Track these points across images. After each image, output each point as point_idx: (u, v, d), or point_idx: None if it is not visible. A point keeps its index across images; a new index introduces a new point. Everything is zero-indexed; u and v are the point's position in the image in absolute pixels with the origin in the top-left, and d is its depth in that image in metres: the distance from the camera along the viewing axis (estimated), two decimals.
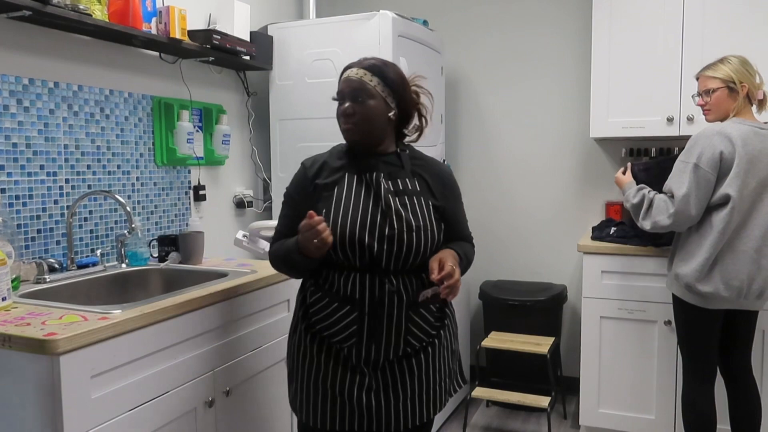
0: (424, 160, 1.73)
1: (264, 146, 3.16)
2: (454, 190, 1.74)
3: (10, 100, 1.96)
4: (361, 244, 1.56)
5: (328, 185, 1.64)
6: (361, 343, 1.59)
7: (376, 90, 1.61)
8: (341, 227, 1.57)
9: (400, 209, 1.59)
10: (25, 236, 2.01)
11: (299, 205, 1.67)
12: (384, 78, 1.62)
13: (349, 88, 1.62)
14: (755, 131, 2.18)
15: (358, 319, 1.58)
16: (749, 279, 2.16)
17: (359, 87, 1.61)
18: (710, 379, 2.31)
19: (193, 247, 2.32)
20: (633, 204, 2.34)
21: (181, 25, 2.38)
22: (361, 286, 1.58)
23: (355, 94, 1.61)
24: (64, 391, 1.39)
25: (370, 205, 1.60)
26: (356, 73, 1.62)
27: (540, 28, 3.41)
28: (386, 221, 1.57)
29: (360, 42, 2.77)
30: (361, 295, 1.58)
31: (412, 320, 1.60)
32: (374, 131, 1.63)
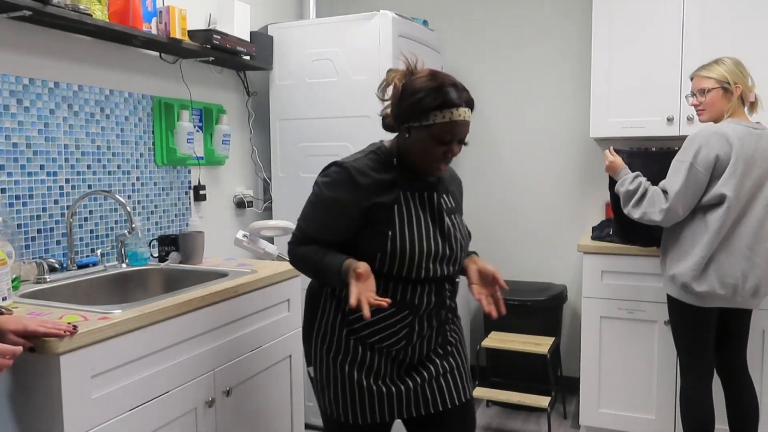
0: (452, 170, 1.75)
1: (264, 146, 3.16)
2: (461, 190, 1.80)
3: (10, 100, 1.96)
4: (427, 269, 1.58)
5: (387, 205, 1.55)
6: (409, 344, 1.62)
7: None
8: (410, 253, 1.54)
9: (453, 230, 1.63)
10: (25, 236, 2.01)
11: (341, 216, 1.56)
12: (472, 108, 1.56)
13: (462, 131, 1.52)
14: (750, 131, 2.19)
15: (412, 323, 1.60)
16: (743, 277, 2.17)
17: (466, 131, 1.54)
18: (708, 378, 2.32)
19: (193, 247, 2.32)
20: (628, 190, 2.34)
21: (181, 25, 2.38)
22: (421, 295, 1.59)
23: (462, 137, 1.54)
24: (64, 391, 1.40)
25: (431, 227, 1.59)
26: (467, 115, 1.52)
27: (540, 28, 3.41)
28: (447, 244, 1.61)
29: (360, 42, 2.77)
30: (420, 302, 1.59)
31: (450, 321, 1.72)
32: None
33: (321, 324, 1.66)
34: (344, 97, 2.82)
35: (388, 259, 1.54)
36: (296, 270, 1.68)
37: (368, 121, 2.77)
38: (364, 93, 2.77)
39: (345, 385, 1.61)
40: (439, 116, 1.48)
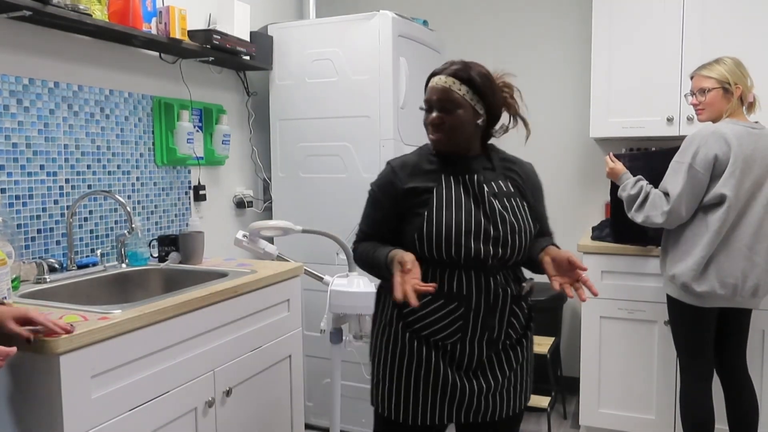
0: (513, 161, 1.71)
1: (264, 146, 3.16)
2: (540, 188, 1.73)
3: (10, 100, 1.96)
4: (468, 248, 1.54)
5: (426, 189, 1.59)
6: (465, 338, 1.57)
7: (464, 99, 1.56)
8: (446, 231, 1.54)
9: (504, 212, 1.58)
10: (25, 236, 2.01)
11: (385, 207, 1.64)
12: (472, 84, 1.56)
13: (436, 97, 1.58)
14: (749, 131, 2.20)
15: (464, 315, 1.56)
16: (743, 276, 2.18)
17: (447, 97, 1.56)
18: (707, 378, 2.32)
19: (193, 247, 2.32)
20: (630, 195, 2.34)
21: (181, 25, 2.37)
22: (468, 283, 1.56)
23: (442, 104, 1.57)
24: (64, 391, 1.40)
25: (472, 207, 1.57)
26: (444, 82, 1.57)
27: (540, 27, 3.41)
28: (491, 224, 1.56)
29: (360, 42, 2.77)
30: (469, 292, 1.55)
31: (514, 313, 1.62)
32: (463, 140, 1.60)
33: (381, 318, 1.68)
34: (344, 97, 2.82)
35: (425, 239, 1.55)
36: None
37: (368, 121, 2.77)
38: (364, 93, 2.77)
39: (400, 381, 1.60)
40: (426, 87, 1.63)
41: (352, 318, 2.28)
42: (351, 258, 2.43)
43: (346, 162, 2.84)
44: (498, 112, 1.65)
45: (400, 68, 2.78)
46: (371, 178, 2.76)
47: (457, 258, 1.55)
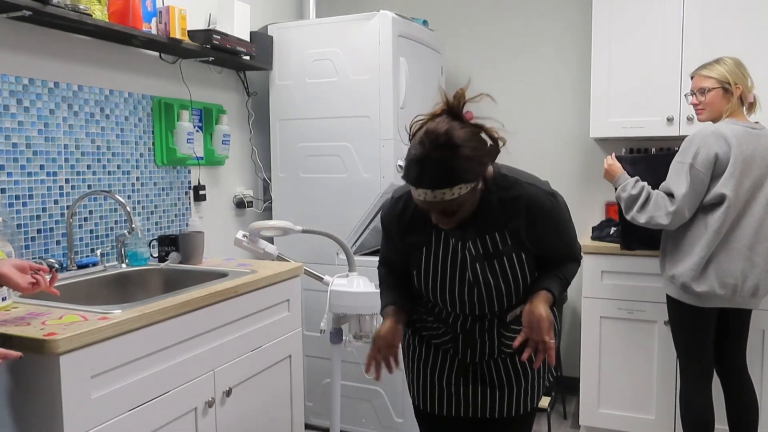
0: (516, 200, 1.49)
1: (264, 146, 3.16)
2: (546, 218, 1.52)
3: (10, 100, 1.96)
4: (453, 306, 1.59)
5: (419, 244, 1.57)
6: (457, 347, 1.66)
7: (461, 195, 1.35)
8: (432, 292, 1.60)
9: (489, 277, 1.53)
10: (25, 236, 2.01)
11: (391, 240, 1.65)
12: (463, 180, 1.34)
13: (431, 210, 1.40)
14: (748, 131, 2.19)
15: (453, 338, 1.65)
16: (743, 277, 2.17)
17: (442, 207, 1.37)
18: (707, 378, 2.32)
19: (193, 247, 2.32)
20: (631, 195, 2.32)
21: (181, 25, 2.37)
22: (454, 320, 1.63)
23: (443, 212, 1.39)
24: (64, 391, 1.40)
25: (457, 274, 1.55)
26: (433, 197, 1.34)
27: (540, 28, 3.41)
28: (473, 291, 1.55)
29: (360, 42, 2.77)
30: (454, 323, 1.63)
31: (503, 335, 1.64)
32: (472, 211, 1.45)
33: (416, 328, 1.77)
34: (344, 97, 2.82)
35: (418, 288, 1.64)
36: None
37: (368, 121, 2.77)
38: (364, 93, 2.77)
39: (414, 374, 1.75)
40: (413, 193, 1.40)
41: (352, 318, 2.28)
42: (351, 258, 2.43)
43: (346, 162, 2.84)
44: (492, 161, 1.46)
45: (400, 68, 2.78)
46: (371, 178, 2.80)
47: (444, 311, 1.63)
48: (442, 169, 1.32)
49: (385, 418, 2.84)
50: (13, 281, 1.43)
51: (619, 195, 2.38)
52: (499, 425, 1.70)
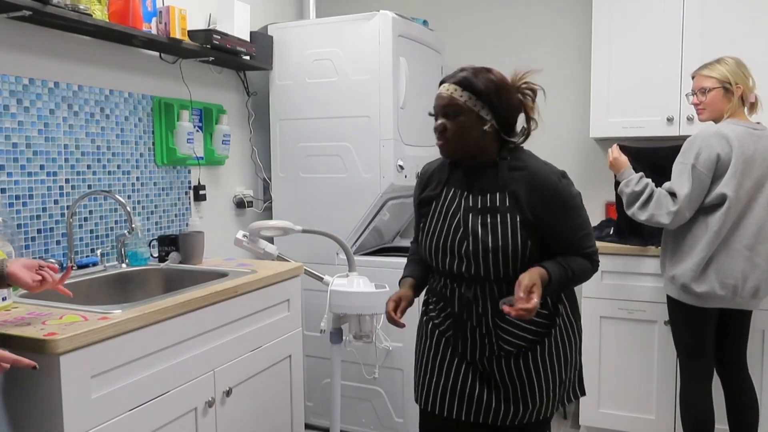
0: (525, 168, 1.60)
1: (264, 146, 3.16)
2: (557, 201, 1.58)
3: (10, 100, 1.96)
4: (443, 262, 1.65)
5: (430, 199, 1.72)
6: (457, 336, 1.67)
7: (466, 105, 1.56)
8: (428, 243, 1.68)
9: (479, 229, 1.59)
10: (25, 236, 2.01)
11: (414, 211, 1.80)
12: (474, 91, 1.56)
13: (439, 105, 1.61)
14: (749, 132, 2.19)
15: (451, 314, 1.68)
16: (743, 277, 2.17)
17: (449, 103, 1.58)
18: (708, 378, 2.32)
19: (193, 247, 2.32)
20: (634, 191, 2.30)
21: (181, 25, 2.37)
22: (451, 290, 1.66)
23: (445, 111, 1.59)
24: (64, 391, 1.40)
25: (453, 224, 1.64)
26: (447, 89, 1.59)
27: (540, 27, 3.41)
28: (463, 242, 1.60)
29: (360, 42, 2.77)
30: (452, 297, 1.67)
31: (500, 327, 1.62)
32: (468, 146, 1.60)
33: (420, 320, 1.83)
34: (344, 97, 2.82)
35: (421, 248, 1.72)
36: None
37: (368, 121, 2.77)
38: (364, 93, 2.77)
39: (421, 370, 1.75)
40: None
41: (352, 318, 2.28)
42: (351, 258, 2.43)
43: (346, 162, 2.84)
44: (510, 118, 1.62)
45: (400, 68, 2.78)
46: (371, 178, 2.80)
47: (437, 268, 1.69)
48: (467, 74, 1.58)
49: (385, 418, 2.84)
50: (21, 280, 1.43)
51: (622, 189, 2.37)
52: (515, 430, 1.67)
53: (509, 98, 1.60)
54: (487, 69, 1.60)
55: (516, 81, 1.62)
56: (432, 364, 1.72)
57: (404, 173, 2.81)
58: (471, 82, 1.57)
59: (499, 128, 1.60)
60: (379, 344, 2.73)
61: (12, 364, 1.28)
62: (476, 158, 1.63)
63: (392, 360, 2.78)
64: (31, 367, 1.30)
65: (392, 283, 2.35)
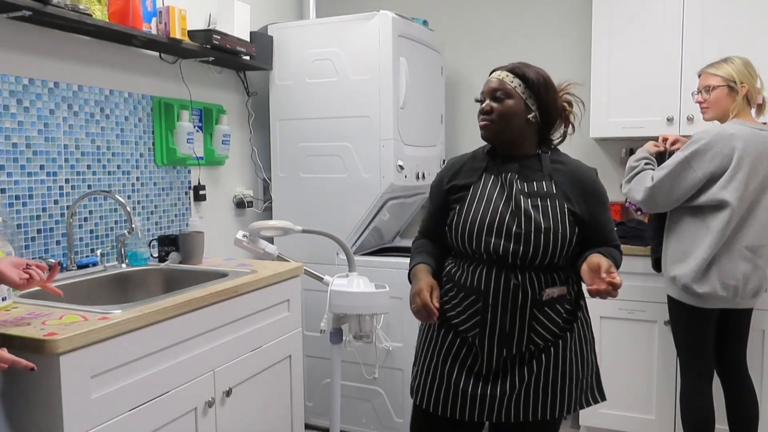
0: (565, 164, 1.68)
1: (264, 146, 3.16)
2: (595, 195, 1.66)
3: (10, 100, 1.96)
4: (487, 243, 1.60)
5: (465, 186, 1.70)
6: (484, 333, 1.61)
7: (516, 91, 1.62)
8: (470, 225, 1.63)
9: (530, 210, 1.59)
10: (25, 236, 2.01)
11: (434, 202, 1.79)
12: (525, 80, 1.63)
13: (488, 87, 1.66)
14: (756, 133, 2.18)
15: (482, 309, 1.61)
16: (745, 279, 2.17)
17: (498, 87, 1.64)
18: (708, 378, 2.32)
19: (193, 247, 2.32)
20: (630, 165, 2.39)
21: (181, 25, 2.37)
22: (487, 279, 1.61)
23: (493, 94, 1.64)
24: (64, 391, 1.40)
25: (501, 204, 1.62)
26: (498, 75, 1.66)
27: (540, 27, 3.41)
28: (514, 221, 1.59)
29: (360, 42, 2.77)
30: (487, 287, 1.60)
31: (536, 318, 1.60)
32: (511, 130, 1.64)
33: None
34: (344, 97, 2.82)
35: (453, 232, 1.66)
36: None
37: (368, 121, 2.77)
38: (364, 93, 2.77)
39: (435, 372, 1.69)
40: None
41: (352, 318, 2.27)
42: (351, 258, 2.43)
43: (346, 162, 2.84)
44: (553, 114, 1.68)
45: (400, 68, 2.78)
46: (371, 178, 2.80)
47: (479, 252, 1.62)
48: (520, 64, 1.66)
49: (385, 418, 2.84)
50: (8, 278, 1.42)
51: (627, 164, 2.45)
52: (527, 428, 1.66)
53: (554, 97, 1.67)
54: (537, 67, 1.68)
55: (561, 86, 1.71)
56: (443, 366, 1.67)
57: (404, 173, 2.81)
58: (523, 71, 1.64)
59: (540, 122, 1.66)
60: (379, 344, 2.73)
61: (10, 365, 1.28)
62: (515, 147, 1.66)
63: (392, 360, 2.78)
64: (29, 368, 1.30)
65: (392, 283, 2.36)
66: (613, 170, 3.26)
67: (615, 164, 3.27)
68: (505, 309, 1.59)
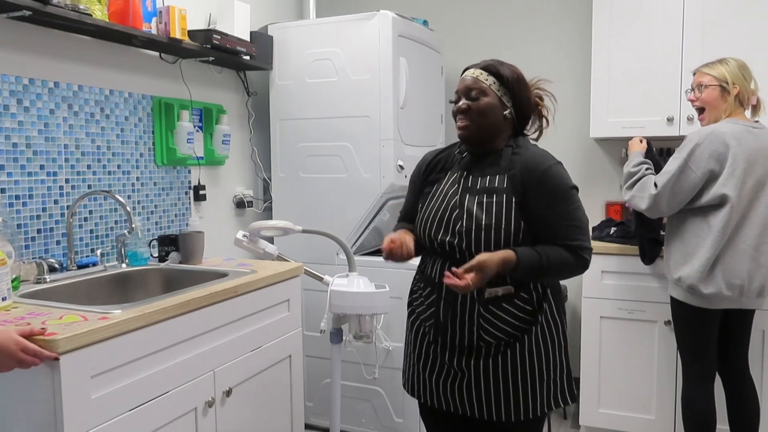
0: (521, 154, 1.66)
1: (264, 146, 3.16)
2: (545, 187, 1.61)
3: (10, 100, 1.96)
4: (435, 238, 1.68)
5: (431, 181, 1.78)
6: (439, 325, 1.68)
7: (490, 88, 1.65)
8: (426, 219, 1.72)
9: (473, 208, 1.63)
10: (25, 236, 2.01)
11: (412, 191, 1.86)
12: (499, 77, 1.66)
13: (463, 86, 1.69)
14: (749, 130, 2.19)
15: (436, 301, 1.69)
16: (749, 277, 2.17)
17: (473, 86, 1.66)
18: (710, 379, 2.32)
19: (193, 247, 2.32)
20: (629, 171, 2.38)
21: (181, 25, 2.37)
22: (441, 271, 1.67)
23: (469, 92, 1.67)
24: (64, 391, 1.40)
25: (452, 202, 1.68)
26: (472, 73, 1.68)
27: (540, 27, 3.41)
28: (461, 217, 1.64)
29: (360, 42, 2.77)
30: (439, 278, 1.66)
31: (482, 315, 1.62)
32: (488, 128, 1.67)
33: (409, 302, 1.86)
34: (344, 97, 2.82)
35: (417, 227, 1.76)
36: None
37: (368, 121, 2.77)
38: (364, 93, 2.77)
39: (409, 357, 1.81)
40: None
41: (352, 318, 2.27)
42: (351, 258, 2.43)
43: (346, 162, 2.84)
44: (527, 109, 1.73)
45: (400, 68, 2.78)
46: (371, 178, 2.80)
47: (433, 246, 1.70)
48: (492, 62, 1.69)
49: (385, 418, 2.84)
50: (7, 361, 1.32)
51: (623, 170, 2.43)
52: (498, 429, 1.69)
53: (527, 92, 1.71)
54: (509, 63, 1.71)
55: (531, 82, 1.76)
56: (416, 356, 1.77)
57: (404, 173, 2.81)
58: (497, 69, 1.67)
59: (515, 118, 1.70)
60: (379, 344, 2.73)
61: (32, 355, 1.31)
62: (488, 144, 1.69)
63: (392, 360, 2.78)
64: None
65: (392, 283, 2.36)
66: (613, 170, 3.26)
67: (615, 164, 3.27)
68: (454, 304, 1.65)
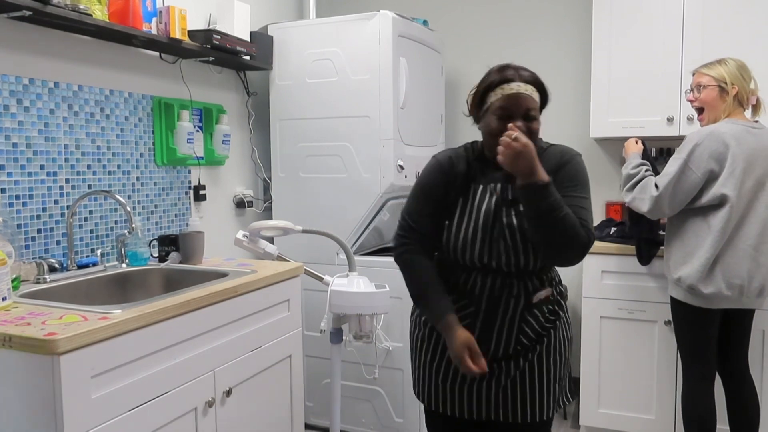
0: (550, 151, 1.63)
1: (264, 146, 3.16)
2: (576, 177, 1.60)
3: (10, 100, 1.96)
4: (481, 255, 1.60)
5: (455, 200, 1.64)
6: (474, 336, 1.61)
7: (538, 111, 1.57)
8: (462, 241, 1.61)
9: (514, 222, 1.57)
10: (25, 236, 2.01)
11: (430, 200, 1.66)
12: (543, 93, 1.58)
13: (521, 105, 1.52)
14: (748, 130, 2.20)
15: (473, 314, 1.63)
16: (749, 277, 2.17)
17: (532, 106, 1.53)
18: (710, 379, 2.32)
19: (193, 247, 2.32)
20: (628, 174, 2.37)
21: (181, 25, 2.38)
22: (482, 285, 1.62)
23: (527, 113, 1.53)
24: (64, 391, 1.39)
25: (490, 219, 1.59)
26: (525, 89, 1.53)
27: (540, 27, 3.41)
28: (501, 235, 1.58)
29: (360, 42, 2.77)
30: (480, 292, 1.62)
31: (525, 320, 1.63)
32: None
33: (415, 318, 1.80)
34: (344, 97, 2.82)
35: (447, 246, 1.64)
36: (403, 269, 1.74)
37: (368, 121, 2.77)
38: (364, 93, 2.77)
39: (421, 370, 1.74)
40: (495, 95, 1.54)
41: (352, 318, 2.28)
42: (351, 258, 2.43)
43: (346, 162, 2.84)
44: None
45: (400, 68, 2.78)
46: (371, 178, 2.80)
47: (472, 264, 1.62)
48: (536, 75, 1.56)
49: (385, 418, 2.84)
50: None
51: (622, 171, 2.42)
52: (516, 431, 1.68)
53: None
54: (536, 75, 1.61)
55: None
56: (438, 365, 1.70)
57: (404, 173, 2.81)
58: (542, 85, 1.57)
59: None
60: (379, 344, 2.73)
61: None
62: None
63: (392, 360, 2.78)
64: None
65: (392, 283, 2.36)
66: (613, 170, 3.26)
67: (615, 164, 3.27)
68: (495, 314, 1.62)
